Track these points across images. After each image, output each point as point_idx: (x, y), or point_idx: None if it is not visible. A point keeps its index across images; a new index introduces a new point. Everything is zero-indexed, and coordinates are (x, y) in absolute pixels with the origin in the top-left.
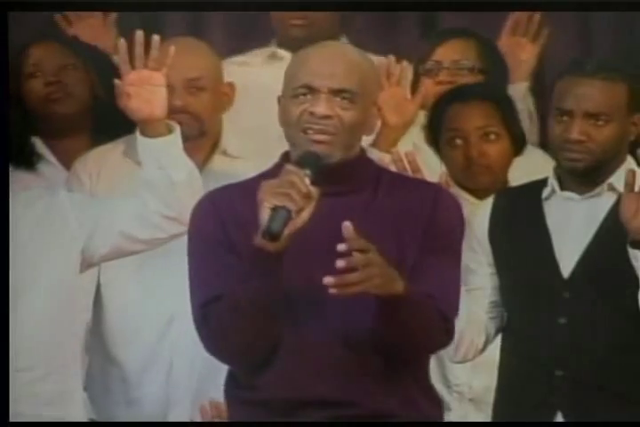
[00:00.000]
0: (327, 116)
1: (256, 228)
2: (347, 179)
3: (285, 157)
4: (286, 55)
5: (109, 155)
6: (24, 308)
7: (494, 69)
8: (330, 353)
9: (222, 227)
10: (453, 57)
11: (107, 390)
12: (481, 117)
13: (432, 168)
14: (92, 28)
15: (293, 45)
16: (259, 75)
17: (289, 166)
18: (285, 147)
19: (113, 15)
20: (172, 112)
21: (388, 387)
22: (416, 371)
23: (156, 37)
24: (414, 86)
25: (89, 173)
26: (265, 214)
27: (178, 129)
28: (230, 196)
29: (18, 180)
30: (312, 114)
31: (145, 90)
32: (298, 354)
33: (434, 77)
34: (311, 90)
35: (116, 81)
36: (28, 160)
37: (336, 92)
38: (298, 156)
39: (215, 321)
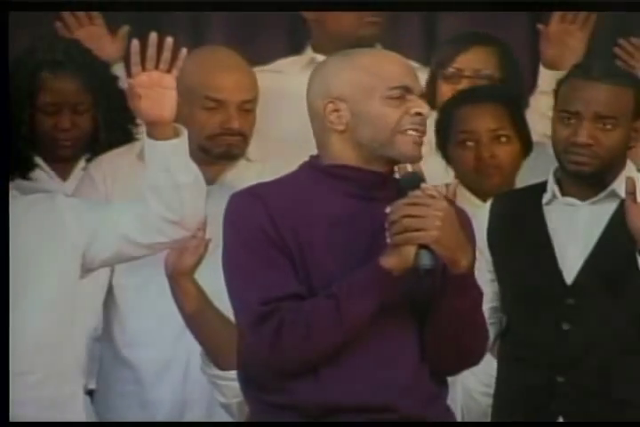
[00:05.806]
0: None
1: (307, 227)
2: (394, 186)
3: (315, 160)
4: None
5: (124, 158)
6: (24, 311)
7: (512, 78)
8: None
9: (272, 222)
10: (475, 66)
11: (117, 393)
12: (493, 120)
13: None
14: (94, 38)
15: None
16: (291, 82)
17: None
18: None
19: (125, 29)
20: (228, 134)
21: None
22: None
23: (169, 39)
24: (431, 90)
25: (103, 177)
26: (411, 251)
27: (185, 133)
28: (272, 192)
29: (15, 186)
30: (418, 115)
31: (155, 92)
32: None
33: (453, 85)
34: (407, 90)
35: (128, 81)
36: (25, 168)
37: None
38: (401, 177)
39: (290, 323)
